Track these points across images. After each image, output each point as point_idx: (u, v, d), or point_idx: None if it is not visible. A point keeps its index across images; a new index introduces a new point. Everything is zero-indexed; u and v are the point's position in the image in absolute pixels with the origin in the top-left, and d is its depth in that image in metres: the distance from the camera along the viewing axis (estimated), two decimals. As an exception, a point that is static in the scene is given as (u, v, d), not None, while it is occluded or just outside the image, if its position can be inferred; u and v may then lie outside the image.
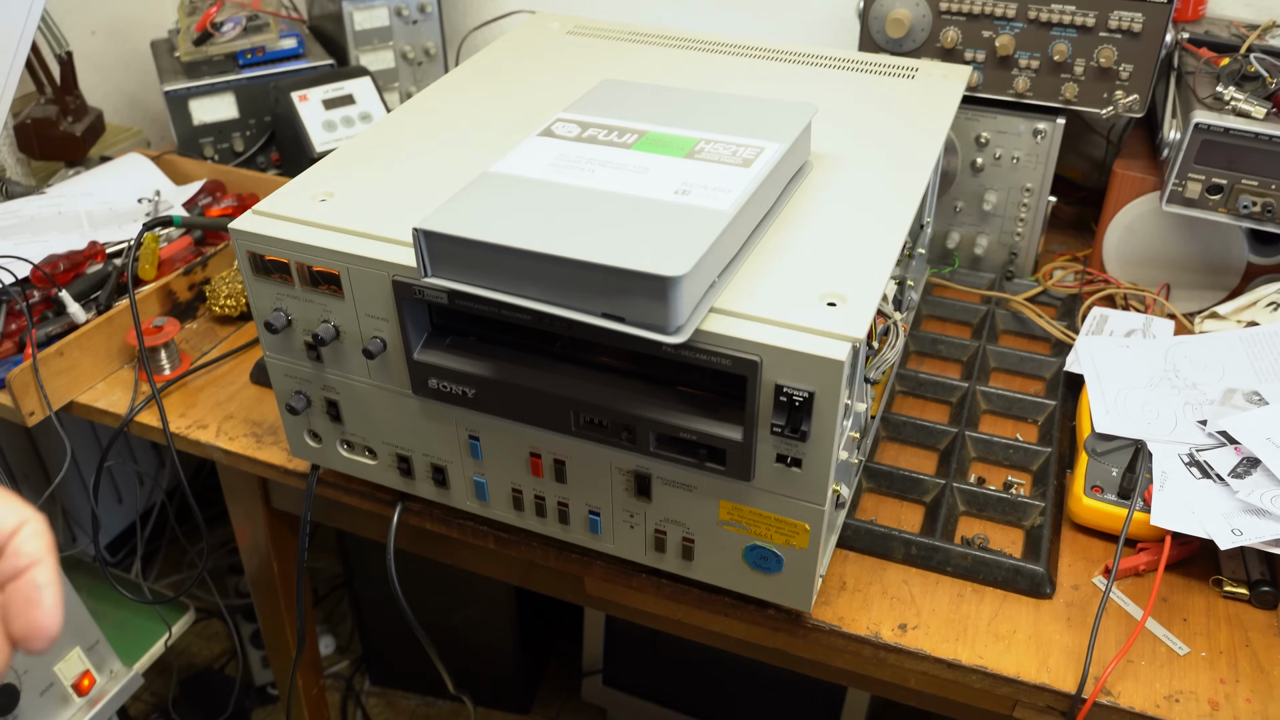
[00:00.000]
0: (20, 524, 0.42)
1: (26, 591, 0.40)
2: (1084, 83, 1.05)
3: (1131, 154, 1.13)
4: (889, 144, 0.84)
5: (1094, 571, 0.82)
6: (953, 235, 1.17)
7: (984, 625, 0.78)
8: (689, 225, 0.64)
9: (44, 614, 0.40)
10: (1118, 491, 0.84)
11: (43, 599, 0.40)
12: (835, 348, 0.62)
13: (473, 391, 0.75)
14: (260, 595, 1.20)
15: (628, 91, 0.83)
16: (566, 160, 0.72)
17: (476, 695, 1.73)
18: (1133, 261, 1.13)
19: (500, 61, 1.01)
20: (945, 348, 1.06)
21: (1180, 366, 0.95)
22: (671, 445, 0.71)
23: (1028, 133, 1.09)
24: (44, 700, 1.13)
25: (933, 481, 0.88)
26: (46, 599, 0.40)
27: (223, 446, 0.96)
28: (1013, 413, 0.98)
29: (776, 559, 0.73)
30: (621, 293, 0.62)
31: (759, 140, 0.74)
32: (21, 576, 0.41)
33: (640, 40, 1.05)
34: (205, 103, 1.36)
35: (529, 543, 0.85)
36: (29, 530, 0.42)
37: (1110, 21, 1.01)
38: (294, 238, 0.74)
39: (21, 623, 0.40)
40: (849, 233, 0.72)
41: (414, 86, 1.48)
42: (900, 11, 1.07)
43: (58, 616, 0.40)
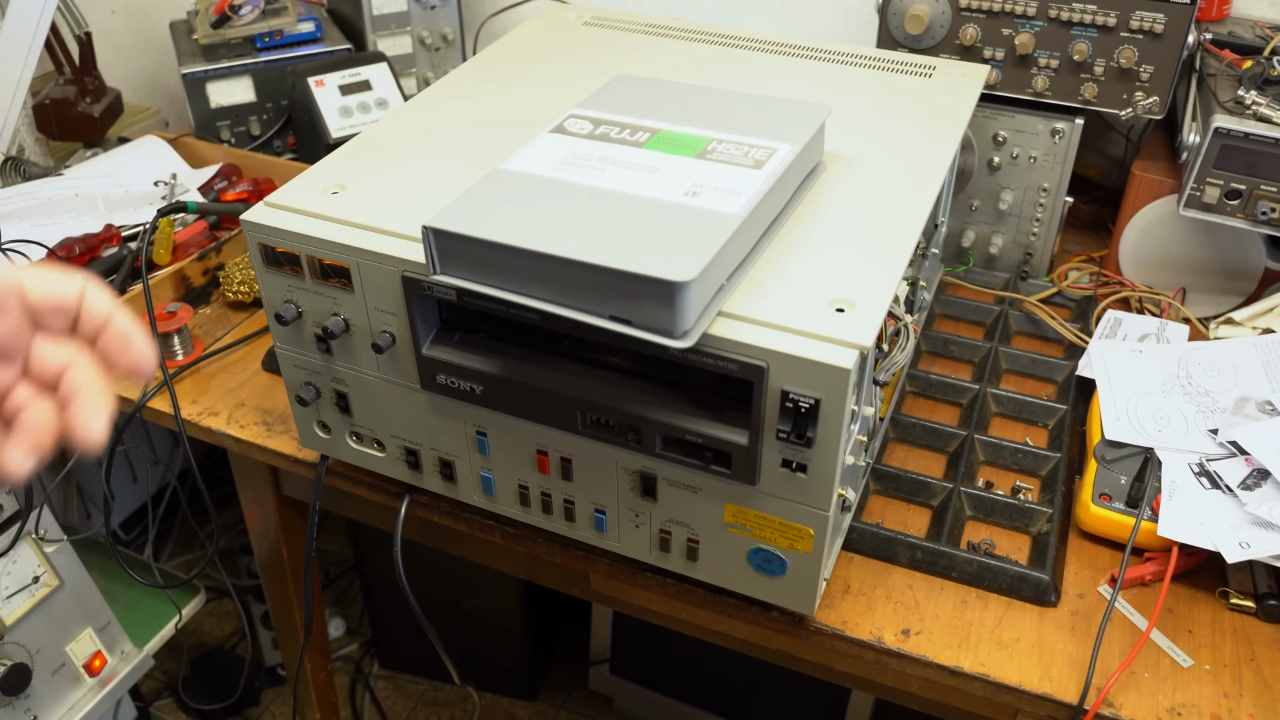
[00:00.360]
0: (81, 289, 0.47)
1: (118, 339, 0.47)
2: (1104, 83, 1.04)
3: (1150, 155, 1.12)
4: (903, 145, 0.84)
5: (1100, 580, 0.82)
6: (968, 233, 1.17)
7: (987, 632, 0.77)
8: (698, 228, 0.64)
9: (139, 349, 0.47)
10: (1126, 500, 0.83)
11: (133, 339, 0.47)
12: (842, 355, 0.62)
13: (480, 388, 0.75)
14: (269, 580, 1.21)
15: (641, 88, 0.83)
16: (578, 158, 0.72)
17: (484, 681, 1.74)
18: (1149, 264, 1.12)
19: (515, 53, 1.01)
20: (957, 348, 1.05)
21: (1193, 373, 0.95)
22: (677, 447, 0.71)
23: (1046, 132, 1.08)
24: (56, 680, 1.14)
25: (940, 485, 0.88)
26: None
27: (233, 434, 0.96)
28: (1023, 416, 0.98)
29: (780, 562, 0.73)
30: (629, 296, 0.62)
31: (772, 141, 0.73)
32: (108, 328, 0.47)
33: (656, 33, 1.05)
34: (222, 86, 1.36)
35: (535, 538, 0.85)
36: (92, 291, 0.47)
37: (1132, 22, 1.00)
38: (305, 230, 0.74)
39: (125, 362, 0.47)
40: (860, 237, 0.72)
41: (431, 72, 1.48)
42: (920, 7, 1.06)
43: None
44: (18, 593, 1.09)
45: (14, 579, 1.09)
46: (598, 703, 1.71)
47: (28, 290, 0.46)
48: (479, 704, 1.72)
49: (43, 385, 0.46)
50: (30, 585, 1.10)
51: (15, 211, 1.17)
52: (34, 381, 0.46)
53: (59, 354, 0.46)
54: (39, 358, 0.46)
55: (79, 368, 0.46)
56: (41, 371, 0.46)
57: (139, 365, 0.47)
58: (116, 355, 0.47)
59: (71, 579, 1.15)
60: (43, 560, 1.11)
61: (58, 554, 1.13)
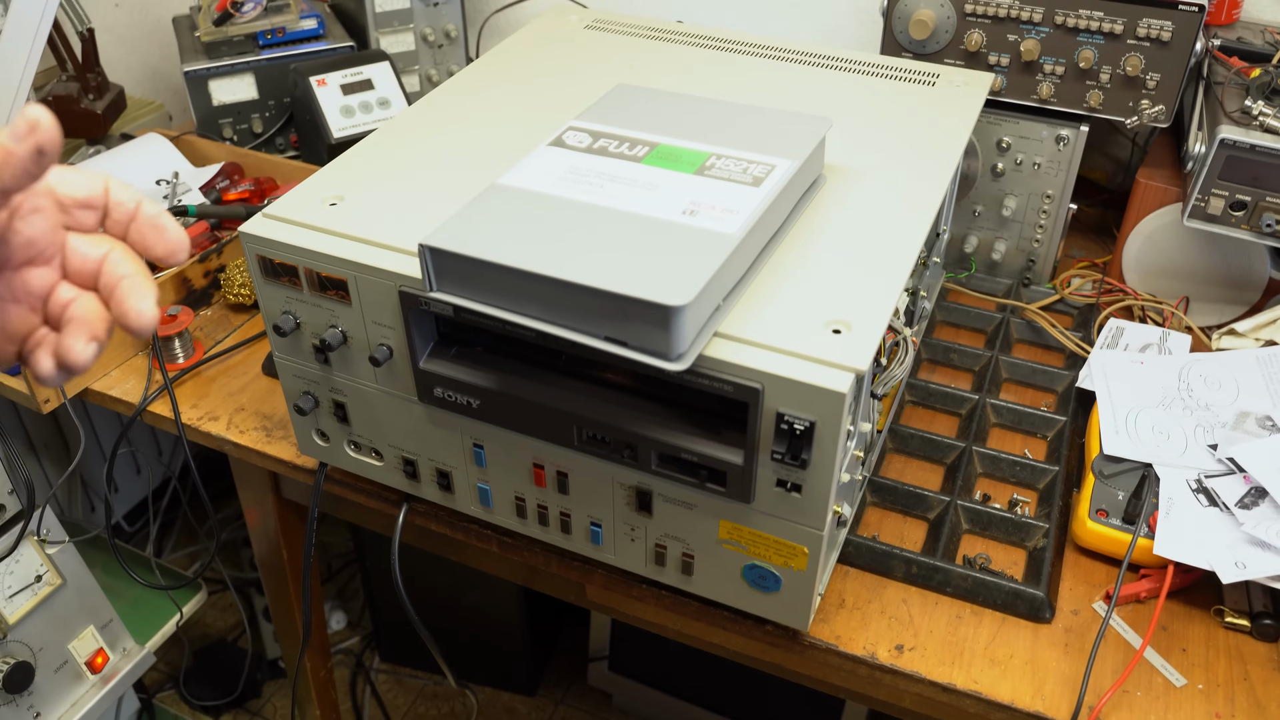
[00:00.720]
0: (105, 183, 0.47)
1: (149, 227, 0.47)
2: (1109, 91, 1.03)
3: (1156, 162, 1.12)
4: (904, 157, 0.83)
5: (1095, 596, 0.82)
6: (970, 239, 1.16)
7: (981, 649, 0.78)
8: (695, 250, 0.63)
9: (172, 233, 0.48)
10: (1123, 516, 0.83)
11: (164, 224, 0.48)
12: (837, 379, 0.62)
13: (477, 402, 0.75)
14: (269, 579, 1.22)
15: (640, 98, 0.82)
16: (576, 174, 0.72)
17: (484, 676, 1.75)
18: (1152, 272, 1.11)
19: (515, 58, 1.01)
20: (957, 357, 1.05)
21: (1194, 385, 0.94)
22: (673, 464, 0.71)
23: (1050, 139, 1.08)
24: (58, 677, 1.15)
25: (937, 498, 0.88)
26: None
27: (233, 440, 0.97)
28: (1022, 427, 0.97)
29: (775, 579, 0.73)
30: (624, 318, 0.61)
31: (771, 157, 0.73)
32: (137, 218, 0.47)
33: (657, 37, 1.04)
34: (225, 83, 1.35)
35: (531, 548, 0.86)
36: (115, 184, 0.48)
37: (1139, 29, 0.99)
38: (302, 244, 0.74)
39: (160, 249, 0.47)
40: (858, 256, 0.72)
41: (434, 69, 1.47)
42: (924, 12, 1.05)
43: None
44: (20, 591, 1.10)
45: (17, 578, 1.10)
46: (596, 699, 1.72)
47: (56, 189, 0.46)
48: (476, 704, 1.73)
49: (82, 283, 0.46)
50: (33, 584, 1.11)
51: (17, 210, 1.17)
52: (74, 280, 0.46)
53: (94, 248, 0.46)
54: (75, 254, 0.46)
55: (115, 257, 0.46)
56: (80, 268, 0.46)
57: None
58: (150, 243, 0.47)
59: (74, 578, 1.15)
60: (45, 559, 1.12)
61: (60, 553, 1.14)
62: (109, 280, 0.46)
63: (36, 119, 0.41)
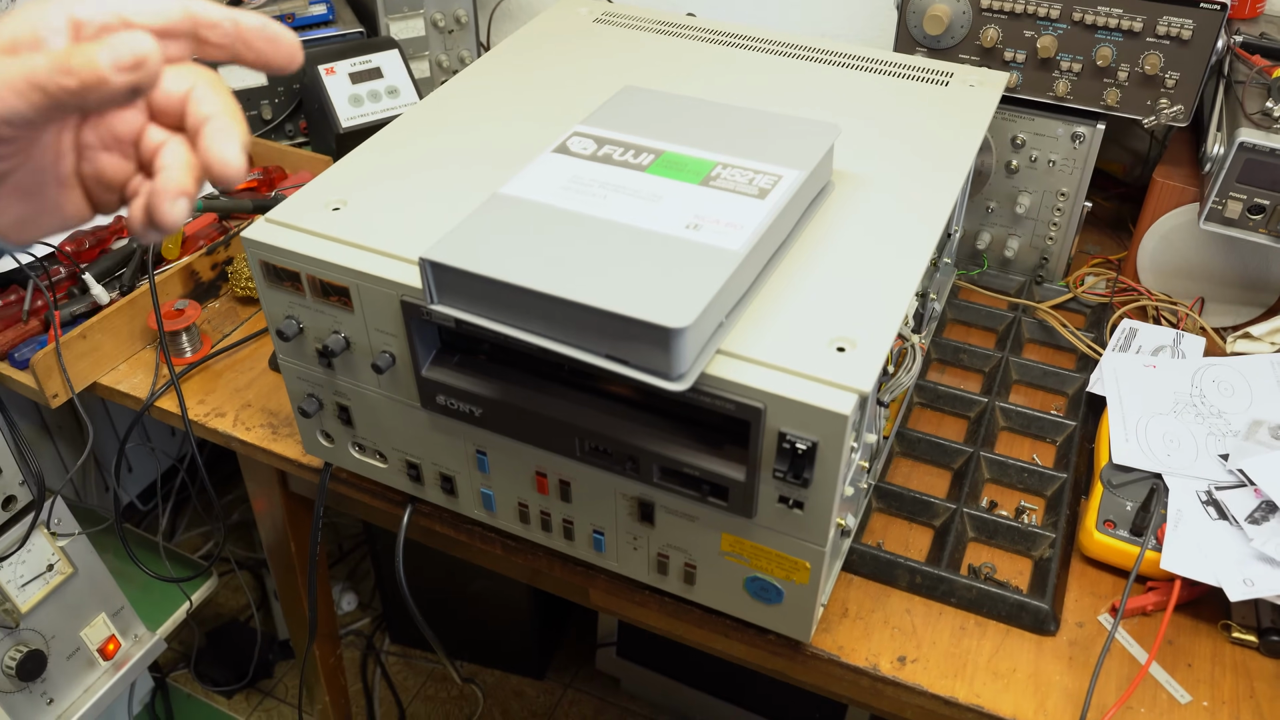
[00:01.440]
0: (183, 4, 0.43)
1: (261, 39, 0.44)
2: (1127, 89, 1.01)
3: (1174, 160, 1.10)
4: (914, 163, 0.82)
5: (1101, 608, 0.81)
6: (983, 235, 1.15)
7: (984, 661, 0.77)
8: (697, 268, 0.63)
9: (285, 38, 0.45)
10: (1130, 527, 0.82)
11: (274, 32, 0.45)
12: (840, 400, 0.61)
13: (479, 411, 0.75)
14: (278, 568, 1.23)
15: (647, 102, 0.81)
16: (579, 183, 0.71)
17: (493, 659, 1.76)
18: (1167, 272, 1.10)
19: (523, 54, 0.99)
20: (967, 357, 1.04)
21: (1207, 391, 0.93)
22: (674, 478, 0.70)
23: (1066, 137, 1.06)
24: (70, 664, 1.17)
25: (943, 505, 0.87)
26: (275, 30, 0.45)
27: (239, 436, 0.97)
28: (1031, 431, 0.97)
29: (777, 591, 0.73)
30: (624, 337, 0.61)
31: (778, 167, 0.72)
32: (241, 30, 0.44)
33: (666, 31, 1.03)
34: (233, 70, 1.34)
35: (535, 552, 0.86)
36: (196, 3, 0.43)
37: (1159, 27, 0.97)
38: (305, 250, 0.74)
39: (278, 57, 0.45)
40: (865, 269, 0.71)
41: (444, 55, 1.46)
42: (939, 7, 1.03)
43: (292, 33, 0.45)
44: (32, 580, 1.11)
45: (29, 567, 1.11)
46: (604, 683, 1.73)
47: (128, 18, 0.42)
48: (481, 698, 1.74)
49: (170, 124, 0.44)
50: (45, 573, 1.12)
51: (26, 200, 1.17)
52: (161, 121, 0.44)
53: (177, 83, 0.43)
54: (158, 91, 0.43)
55: (199, 94, 0.43)
56: (164, 107, 0.44)
57: (291, 55, 0.45)
58: (267, 56, 0.45)
59: (85, 566, 1.16)
60: (56, 549, 1.13)
61: (72, 543, 1.15)
62: (194, 121, 0.43)
63: (143, 56, 0.38)
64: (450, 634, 1.75)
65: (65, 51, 0.38)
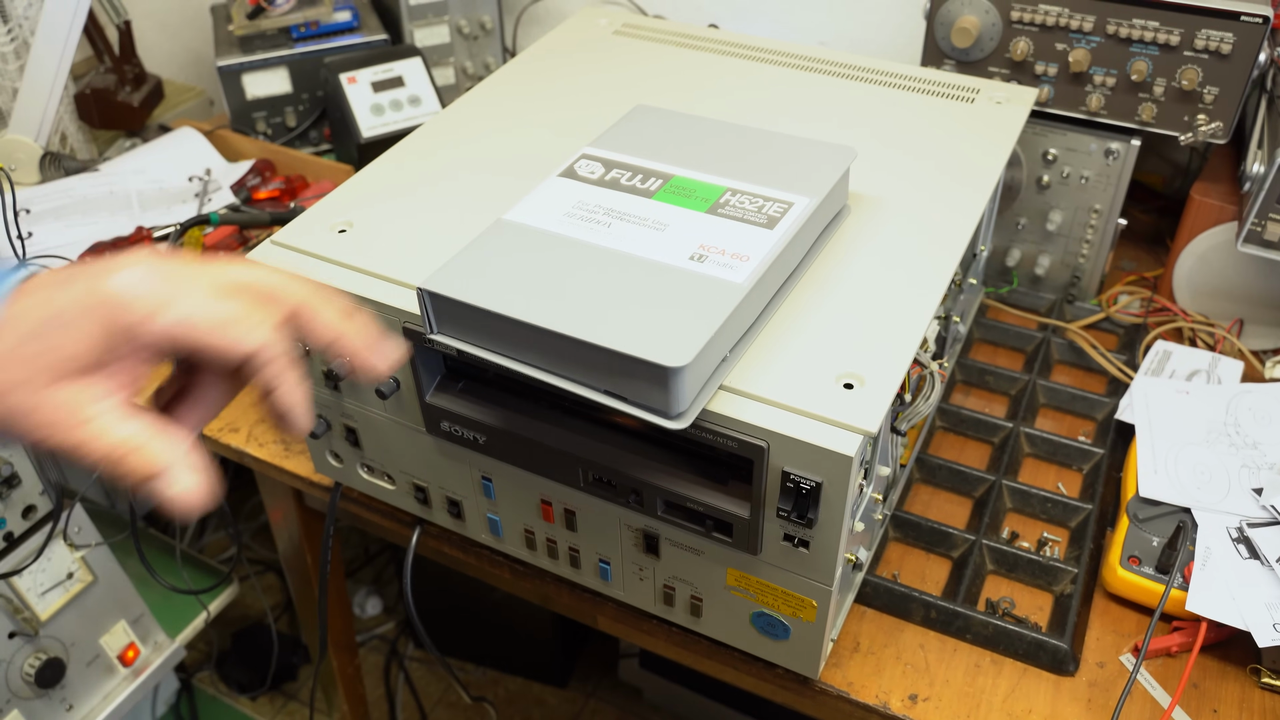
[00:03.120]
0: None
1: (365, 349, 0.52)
2: (1163, 104, 0.97)
3: (1213, 176, 1.06)
4: (933, 186, 0.80)
5: (1123, 647, 0.78)
6: (1013, 252, 1.12)
7: (999, 702, 0.75)
8: (700, 303, 0.61)
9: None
10: (1156, 565, 0.79)
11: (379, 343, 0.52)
12: (845, 441, 0.59)
13: (483, 438, 0.73)
14: (294, 578, 1.23)
15: (659, 122, 0.79)
16: (584, 209, 0.69)
17: (515, 666, 1.76)
18: (1205, 293, 1.06)
19: (539, 68, 0.98)
20: (993, 379, 1.01)
21: (1242, 420, 0.90)
22: (678, 512, 0.69)
23: (1099, 153, 1.02)
24: (90, 671, 1.18)
25: (962, 536, 0.85)
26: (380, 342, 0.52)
27: (252, 453, 0.97)
28: (1057, 458, 0.94)
29: (784, 627, 0.71)
30: (623, 374, 0.59)
31: (788, 194, 0.70)
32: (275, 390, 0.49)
33: (686, 44, 1.01)
34: (258, 77, 1.35)
35: (543, 577, 0.84)
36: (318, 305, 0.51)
37: (1197, 41, 0.93)
38: (308, 275, 0.73)
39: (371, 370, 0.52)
40: (877, 301, 0.68)
41: (469, 61, 1.45)
42: (968, 19, 1.00)
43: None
44: (52, 589, 1.12)
45: (49, 575, 1.12)
46: (626, 693, 1.72)
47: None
48: (494, 715, 1.74)
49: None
50: (64, 581, 1.13)
51: (51, 210, 1.18)
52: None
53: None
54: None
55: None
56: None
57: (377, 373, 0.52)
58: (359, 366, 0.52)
59: (105, 574, 1.17)
60: (76, 557, 1.14)
61: (91, 551, 1.15)
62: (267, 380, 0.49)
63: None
64: (473, 640, 1.75)
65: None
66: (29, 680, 1.10)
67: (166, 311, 0.45)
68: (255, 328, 0.47)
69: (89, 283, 0.45)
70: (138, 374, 0.47)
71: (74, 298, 0.45)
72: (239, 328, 0.46)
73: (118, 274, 0.45)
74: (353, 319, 0.52)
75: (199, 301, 0.46)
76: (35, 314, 0.45)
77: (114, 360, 0.45)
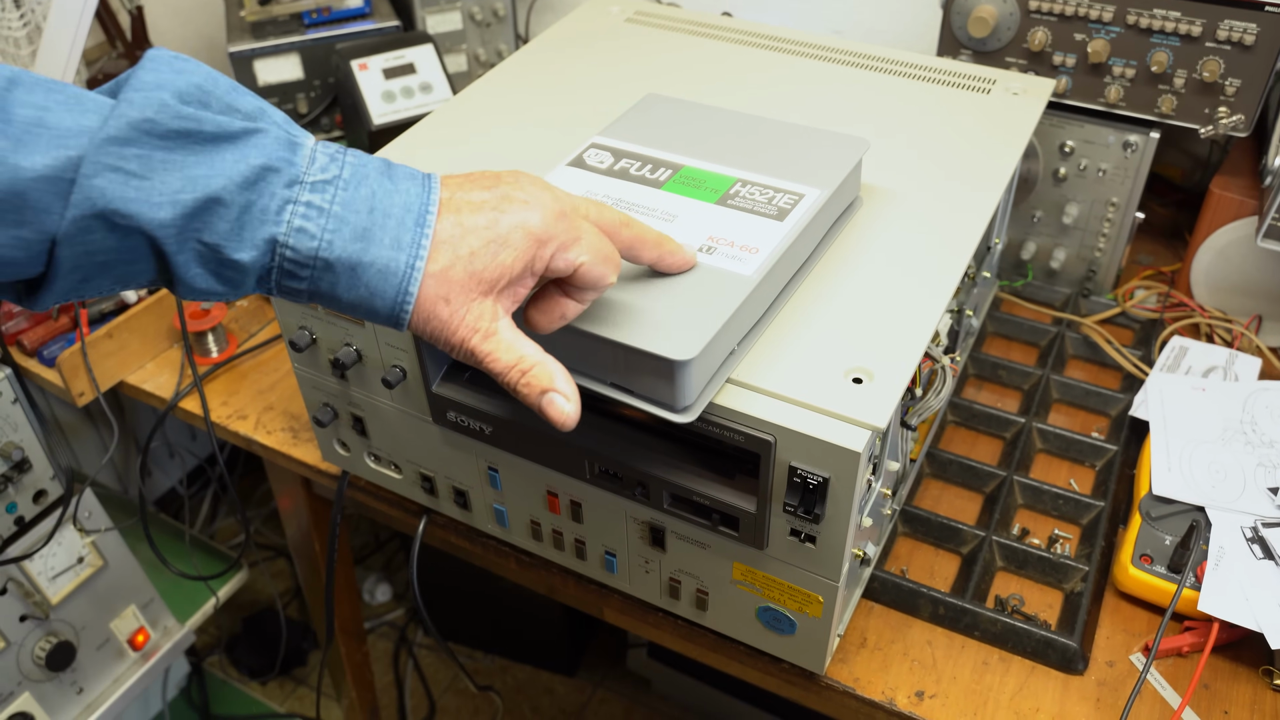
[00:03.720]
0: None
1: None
2: (1183, 96, 0.96)
3: (1233, 169, 1.04)
4: (947, 179, 0.79)
5: (1134, 646, 0.78)
6: (1029, 245, 1.10)
7: (1006, 699, 0.74)
8: (708, 295, 0.60)
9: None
10: (1168, 564, 0.78)
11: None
12: (853, 436, 0.58)
13: (490, 429, 0.73)
14: (303, 565, 1.23)
15: (669, 111, 0.79)
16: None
17: (524, 655, 1.76)
18: (1223, 288, 1.05)
19: (550, 56, 0.97)
20: (1006, 374, 1.00)
21: (1259, 418, 0.89)
22: (685, 505, 0.68)
23: (1117, 145, 1.01)
24: (100, 655, 1.18)
25: (972, 532, 0.84)
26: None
27: (260, 440, 0.97)
28: (1070, 454, 0.93)
29: (790, 622, 0.71)
30: (629, 367, 0.59)
31: (799, 185, 0.69)
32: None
33: (698, 32, 1.00)
34: (270, 63, 1.34)
35: (549, 568, 0.84)
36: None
37: (1219, 31, 0.91)
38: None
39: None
40: (888, 294, 0.68)
41: (482, 48, 1.44)
42: (985, 8, 0.99)
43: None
44: (63, 573, 1.13)
45: (59, 560, 1.12)
46: (635, 683, 1.72)
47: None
48: (501, 708, 1.74)
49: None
50: (75, 565, 1.13)
51: (63, 195, 1.18)
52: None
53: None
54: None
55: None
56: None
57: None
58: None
59: (115, 559, 1.18)
60: (86, 542, 1.14)
61: (102, 535, 1.16)
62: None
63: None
64: (482, 628, 1.75)
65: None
66: (40, 663, 1.11)
67: (568, 251, 0.53)
68: (618, 264, 0.56)
69: (519, 214, 0.52)
70: (524, 293, 0.54)
71: (513, 224, 0.52)
72: (609, 265, 0.55)
73: (533, 209, 0.52)
74: (664, 240, 0.60)
75: (595, 241, 0.54)
76: (484, 234, 0.51)
77: (521, 281, 0.53)
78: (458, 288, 0.51)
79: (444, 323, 0.51)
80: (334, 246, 0.49)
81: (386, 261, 0.49)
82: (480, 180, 0.54)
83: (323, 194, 0.48)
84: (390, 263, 0.49)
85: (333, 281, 0.49)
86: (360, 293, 0.50)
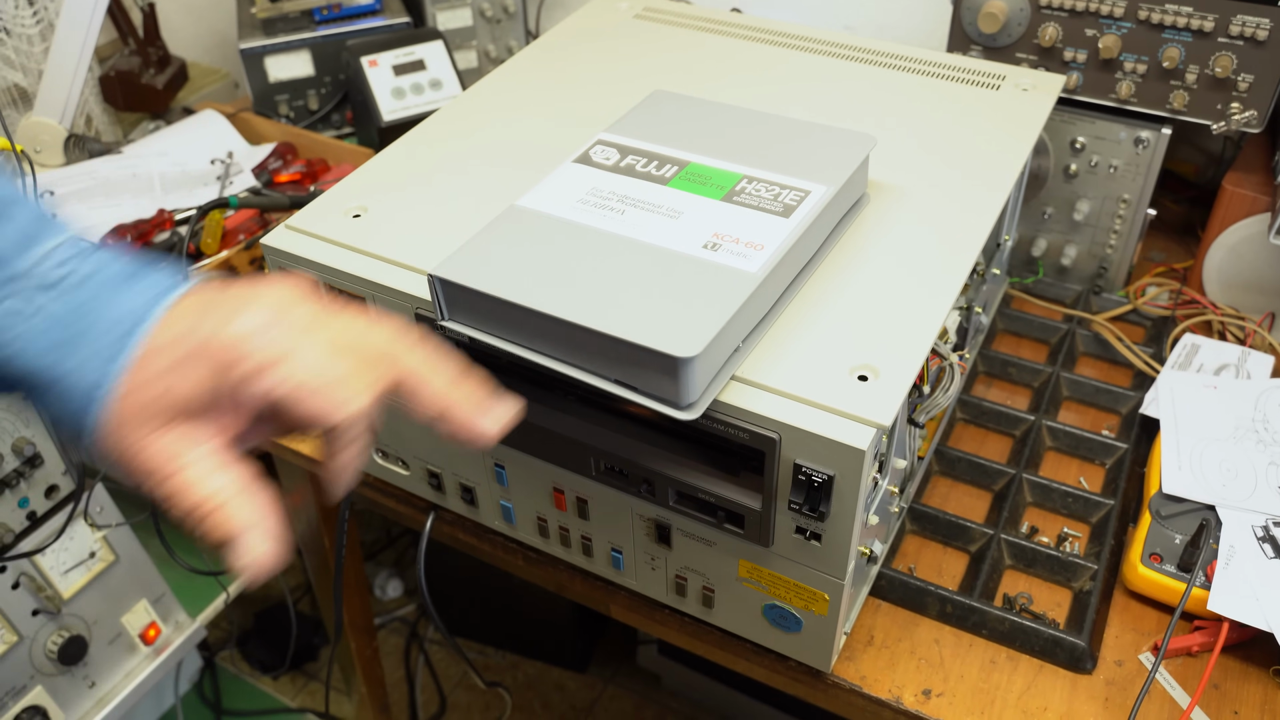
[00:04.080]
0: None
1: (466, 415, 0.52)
2: (1196, 92, 0.95)
3: (1246, 166, 1.03)
4: (956, 175, 0.78)
5: (1143, 646, 0.77)
6: (1039, 242, 1.10)
7: (1014, 699, 0.74)
8: (712, 292, 0.60)
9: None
10: (1178, 563, 0.78)
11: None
12: (858, 434, 0.58)
13: (495, 426, 0.73)
14: (311, 560, 1.23)
15: (676, 108, 0.78)
16: (598, 196, 0.69)
17: (534, 651, 1.76)
18: (1236, 286, 1.04)
19: (558, 52, 0.97)
20: (1016, 371, 1.00)
21: (1271, 417, 0.88)
22: (690, 503, 0.68)
23: (1129, 141, 1.00)
24: (112, 649, 1.19)
25: (980, 530, 0.84)
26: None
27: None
28: (1079, 452, 0.92)
29: (796, 620, 0.70)
30: (633, 364, 0.59)
31: (805, 181, 0.69)
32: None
33: (708, 29, 0.99)
34: (281, 60, 1.35)
35: (556, 565, 0.84)
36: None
37: (1231, 27, 0.91)
38: (322, 260, 0.73)
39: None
40: (894, 291, 0.67)
41: (492, 44, 1.44)
42: (996, 4, 0.98)
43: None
44: (75, 567, 1.13)
45: (71, 554, 1.13)
46: (645, 679, 1.72)
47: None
48: (509, 704, 1.74)
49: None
50: (86, 560, 1.14)
51: (75, 192, 1.18)
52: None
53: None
54: None
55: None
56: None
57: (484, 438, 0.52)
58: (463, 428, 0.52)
59: (127, 554, 1.18)
60: (98, 536, 1.15)
61: (113, 530, 1.16)
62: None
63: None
64: (492, 624, 1.76)
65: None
66: (52, 657, 1.12)
67: (279, 368, 0.45)
68: (357, 395, 0.46)
69: (214, 325, 0.45)
70: (237, 420, 0.46)
71: (202, 339, 0.45)
72: (341, 392, 0.45)
73: (240, 318, 0.45)
74: (461, 386, 0.50)
75: (311, 361, 0.45)
76: (173, 351, 0.45)
77: (217, 407, 0.45)
78: (141, 416, 0.45)
79: (126, 457, 0.46)
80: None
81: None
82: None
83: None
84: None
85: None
86: None
